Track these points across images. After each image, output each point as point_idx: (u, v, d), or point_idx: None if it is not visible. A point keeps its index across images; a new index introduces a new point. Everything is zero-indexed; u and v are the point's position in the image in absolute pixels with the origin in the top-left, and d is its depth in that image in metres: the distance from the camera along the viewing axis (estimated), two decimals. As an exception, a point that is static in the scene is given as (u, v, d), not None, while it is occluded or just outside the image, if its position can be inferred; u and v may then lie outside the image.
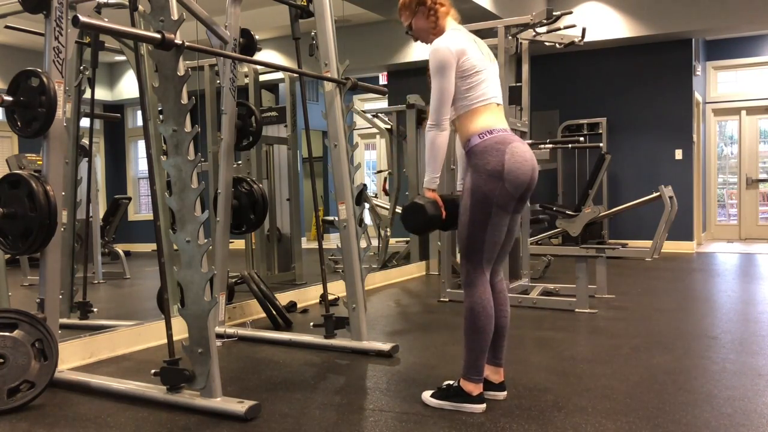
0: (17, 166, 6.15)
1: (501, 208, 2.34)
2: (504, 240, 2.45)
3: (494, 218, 2.34)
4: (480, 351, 2.39)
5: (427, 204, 2.44)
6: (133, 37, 2.55)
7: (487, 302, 2.38)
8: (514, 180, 2.31)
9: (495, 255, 2.44)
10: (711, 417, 2.31)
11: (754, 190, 9.98)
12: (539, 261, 5.91)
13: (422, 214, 2.44)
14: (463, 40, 2.43)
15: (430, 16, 2.49)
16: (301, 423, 2.34)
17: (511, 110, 4.97)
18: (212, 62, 5.18)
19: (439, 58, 2.37)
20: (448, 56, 2.37)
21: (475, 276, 2.39)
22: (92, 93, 4.08)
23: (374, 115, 7.47)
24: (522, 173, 2.33)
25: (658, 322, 4.01)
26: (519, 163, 2.33)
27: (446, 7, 2.52)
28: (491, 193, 2.31)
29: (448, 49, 2.37)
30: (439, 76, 2.38)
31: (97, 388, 2.78)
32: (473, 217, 2.35)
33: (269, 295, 4.11)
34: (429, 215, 2.44)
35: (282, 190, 5.95)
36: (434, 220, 2.46)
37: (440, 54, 2.38)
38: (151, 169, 2.84)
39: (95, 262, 6.25)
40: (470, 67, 2.39)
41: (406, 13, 2.56)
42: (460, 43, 2.40)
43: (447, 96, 2.39)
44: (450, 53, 2.37)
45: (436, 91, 2.39)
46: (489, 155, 2.33)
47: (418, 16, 2.52)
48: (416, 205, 2.45)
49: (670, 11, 8.02)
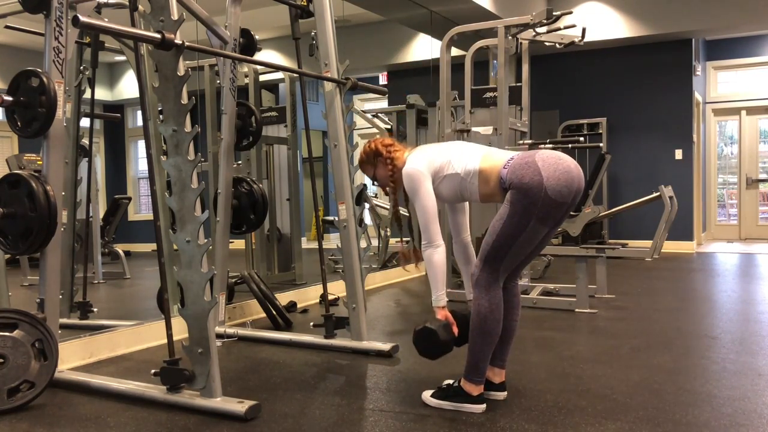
0: (17, 166, 6.14)
1: (540, 221, 2.26)
2: (532, 250, 2.42)
3: (529, 232, 2.28)
4: (483, 355, 2.38)
5: (438, 329, 2.40)
6: (133, 37, 2.55)
7: (496, 306, 2.36)
8: (555, 185, 2.22)
9: (516, 265, 2.43)
10: (711, 417, 2.31)
11: (754, 190, 9.98)
12: (539, 261, 5.91)
13: (434, 340, 2.40)
14: (424, 155, 2.52)
15: (388, 164, 2.62)
16: (301, 423, 2.34)
17: (511, 110, 4.97)
18: (212, 62, 5.18)
19: (412, 180, 2.46)
20: (418, 175, 2.45)
21: (489, 280, 2.36)
22: (92, 93, 4.08)
23: (374, 115, 7.47)
24: (562, 174, 2.24)
25: (658, 322, 4.01)
26: (554, 164, 2.25)
27: (400, 151, 2.64)
28: (532, 206, 2.24)
29: (416, 169, 2.47)
30: (418, 197, 2.45)
31: (97, 388, 2.78)
32: (507, 228, 2.29)
33: (269, 295, 4.11)
34: (441, 341, 2.40)
35: (282, 190, 5.95)
36: (447, 344, 2.43)
37: (411, 177, 2.47)
38: (151, 169, 2.84)
39: (95, 262, 6.25)
40: (442, 165, 2.46)
41: (367, 167, 2.72)
42: (424, 158, 2.50)
43: (432, 212, 2.44)
44: (419, 172, 2.46)
45: (420, 211, 2.45)
46: (521, 170, 2.26)
47: (379, 166, 2.67)
48: (427, 332, 2.41)
49: (670, 11, 8.02)
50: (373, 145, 2.68)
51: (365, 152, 2.71)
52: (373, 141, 2.71)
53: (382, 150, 2.65)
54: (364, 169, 2.75)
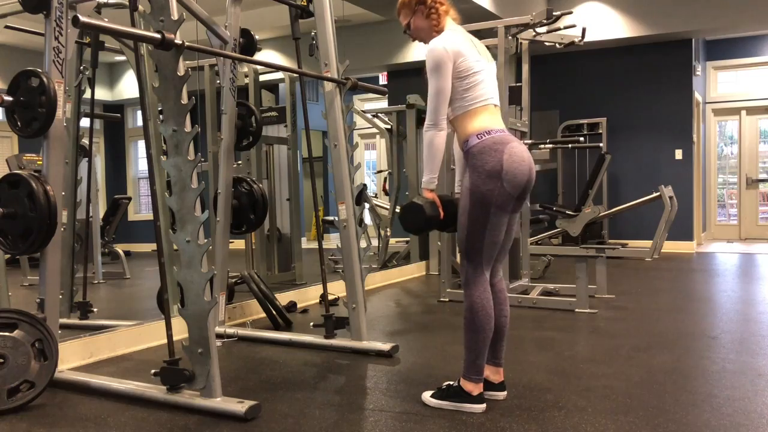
0: (17, 166, 6.15)
1: (499, 208, 2.34)
2: (503, 240, 2.46)
3: (493, 218, 2.35)
4: (479, 350, 2.39)
5: (425, 204, 2.45)
6: (133, 37, 2.55)
7: (486, 302, 2.38)
8: (512, 180, 2.32)
9: (494, 255, 2.44)
10: (711, 417, 2.31)
11: (754, 190, 9.98)
12: (539, 261, 5.91)
13: (420, 214, 2.45)
14: (459, 40, 2.42)
15: (431, 14, 2.48)
16: (301, 423, 2.34)
17: (511, 110, 4.96)
18: (212, 62, 5.18)
19: (435, 58, 2.37)
20: (444, 56, 2.36)
21: (474, 276, 2.40)
22: (92, 93, 4.08)
23: (374, 115, 7.47)
24: (520, 173, 2.34)
25: (658, 322, 4.01)
26: (517, 163, 2.33)
27: (446, 6, 2.51)
28: (490, 194, 2.31)
29: (444, 50, 2.37)
30: (435, 76, 2.38)
31: (97, 388, 2.78)
32: (472, 217, 2.36)
33: (269, 295, 4.11)
34: (427, 215, 2.44)
35: (282, 190, 5.95)
36: (432, 220, 2.47)
37: (436, 54, 2.37)
38: (151, 169, 2.84)
39: (95, 262, 6.25)
40: (467, 68, 2.38)
41: (405, 11, 2.55)
42: (457, 44, 2.39)
43: (444, 96, 2.38)
44: (446, 53, 2.36)
45: (433, 91, 2.39)
46: (487, 155, 2.33)
47: (417, 15, 2.52)
48: (414, 205, 2.46)
49: (670, 11, 8.02)
50: None
51: None
52: None
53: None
54: (400, 11, 2.56)
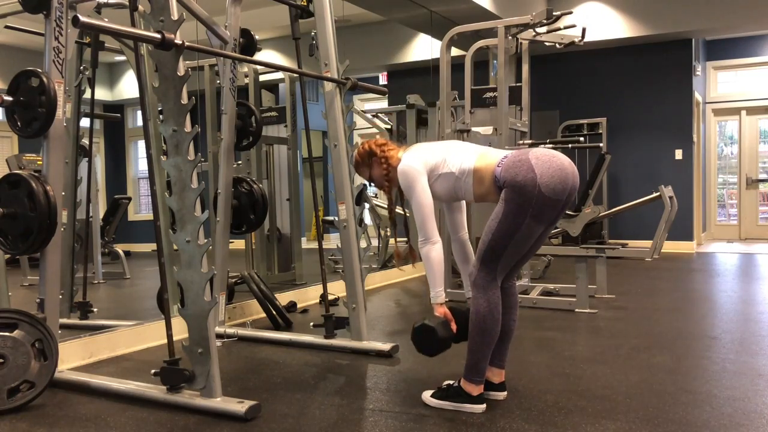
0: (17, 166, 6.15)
1: (535, 219, 2.26)
2: (529, 249, 2.42)
3: (525, 230, 2.28)
4: (483, 354, 2.38)
5: (437, 326, 2.40)
6: (133, 37, 2.55)
7: (494, 306, 2.36)
8: (549, 182, 2.22)
9: (513, 264, 2.43)
10: (711, 417, 2.31)
11: (754, 190, 9.98)
12: (539, 261, 5.91)
13: (433, 338, 2.41)
14: (419, 153, 2.52)
15: (383, 163, 2.62)
16: (301, 423, 2.34)
17: (511, 110, 4.97)
18: (212, 62, 5.18)
19: (408, 176, 2.46)
20: (414, 172, 2.45)
21: (487, 280, 2.37)
22: (92, 93, 4.08)
23: (374, 115, 7.47)
24: (556, 172, 2.24)
25: (658, 322, 4.01)
26: (548, 163, 2.25)
27: (394, 150, 2.64)
28: (526, 204, 2.24)
29: (411, 166, 2.46)
30: (414, 193, 2.44)
31: (97, 388, 2.78)
32: (502, 227, 2.29)
33: (269, 295, 4.11)
34: (440, 338, 2.40)
35: (282, 190, 5.95)
36: (445, 342, 2.43)
37: (407, 173, 2.46)
38: (151, 169, 2.84)
39: (95, 262, 6.25)
40: (438, 163, 2.45)
41: (363, 169, 2.72)
42: (420, 156, 2.49)
43: (429, 209, 2.43)
44: (415, 169, 2.45)
45: (416, 208, 2.44)
46: (515, 168, 2.27)
47: (374, 166, 2.67)
48: (426, 329, 2.41)
49: (670, 11, 8.02)
50: (366, 146, 2.69)
51: (359, 154, 2.72)
52: (366, 142, 2.72)
53: (375, 150, 2.65)
54: (359, 170, 2.75)
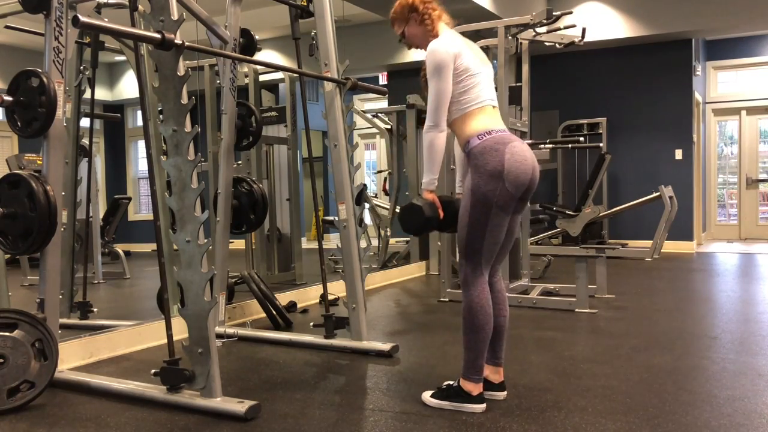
0: (17, 166, 6.15)
1: (501, 208, 2.34)
2: (504, 240, 2.46)
3: (494, 219, 2.34)
4: (479, 351, 2.39)
5: (424, 205, 2.45)
6: (133, 37, 2.55)
7: (485, 302, 2.38)
8: (514, 180, 2.31)
9: (494, 255, 2.44)
10: (711, 417, 2.31)
11: (754, 190, 9.98)
12: (539, 261, 5.91)
13: (419, 215, 2.45)
14: (457, 42, 2.45)
15: (424, 20, 2.52)
16: (301, 423, 2.34)
17: (511, 110, 4.96)
18: (212, 62, 5.18)
19: (437, 59, 2.38)
20: (445, 57, 2.38)
21: (473, 276, 2.40)
22: (92, 93, 4.08)
23: (374, 115, 7.47)
24: (522, 172, 2.33)
25: (658, 322, 4.01)
26: (519, 162, 2.33)
27: (438, 11, 2.54)
28: (491, 194, 2.31)
29: (446, 51, 2.38)
30: (436, 77, 2.39)
31: (97, 388, 2.78)
32: (473, 217, 2.35)
33: (269, 295, 4.11)
34: (426, 216, 2.44)
35: (282, 190, 5.95)
36: (431, 221, 2.47)
37: (437, 55, 2.38)
38: (151, 169, 2.84)
39: (95, 262, 6.25)
40: (465, 69, 2.40)
41: (399, 21, 2.60)
42: (456, 46, 2.42)
43: (445, 97, 2.39)
44: (447, 54, 2.38)
45: (433, 91, 2.40)
46: (488, 155, 2.33)
47: (411, 23, 2.55)
48: (414, 207, 2.46)
49: (670, 11, 8.02)
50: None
51: (400, 4, 2.56)
52: None
53: (418, 4, 2.51)
54: (394, 23, 2.60)
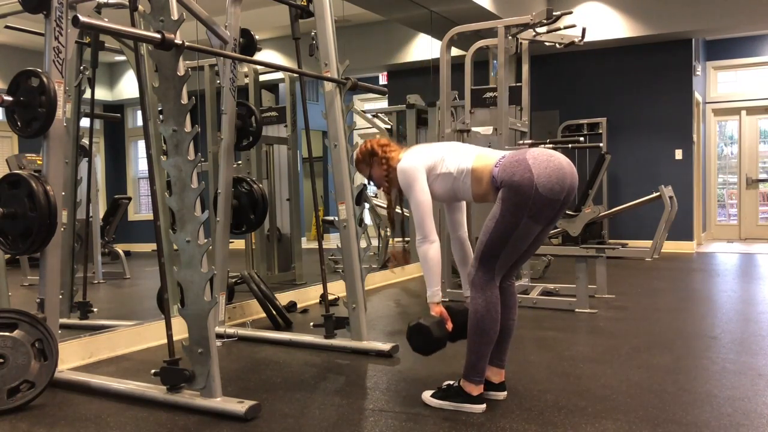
0: (17, 166, 6.15)
1: (533, 218, 2.27)
2: (527, 249, 2.42)
3: (522, 229, 2.28)
4: (482, 354, 2.39)
5: (432, 325, 2.40)
6: (133, 37, 2.55)
7: (493, 306, 2.36)
8: (546, 182, 2.22)
9: (511, 263, 2.43)
10: (711, 417, 2.31)
11: (754, 190, 9.98)
12: (539, 261, 5.91)
13: (428, 337, 2.40)
14: (419, 152, 2.55)
15: (383, 163, 2.65)
16: (301, 423, 2.34)
17: (511, 110, 4.96)
18: (212, 62, 5.18)
19: (407, 175, 2.48)
20: (414, 171, 2.48)
21: (485, 280, 2.37)
22: (92, 93, 4.08)
23: (374, 115, 7.47)
24: (552, 171, 2.24)
25: (658, 322, 4.01)
26: (545, 162, 2.25)
27: (396, 151, 2.67)
28: (523, 204, 2.24)
29: (411, 165, 2.49)
30: (413, 192, 2.46)
31: (97, 388, 2.78)
32: (498, 227, 2.29)
33: (269, 295, 4.11)
34: (434, 338, 2.40)
35: (282, 190, 5.95)
36: (440, 341, 2.43)
37: (407, 172, 2.49)
38: (151, 169, 2.84)
39: (95, 262, 6.25)
40: (439, 159, 2.48)
41: (363, 167, 2.75)
42: (420, 156, 2.52)
43: (427, 207, 2.45)
44: (415, 167, 2.48)
45: (415, 206, 2.46)
46: (512, 168, 2.27)
47: (374, 166, 2.70)
48: (421, 328, 2.41)
49: (670, 11, 8.02)
50: (368, 145, 2.72)
51: (361, 152, 2.75)
52: (368, 141, 2.75)
53: (377, 149, 2.68)
54: (359, 168, 2.78)
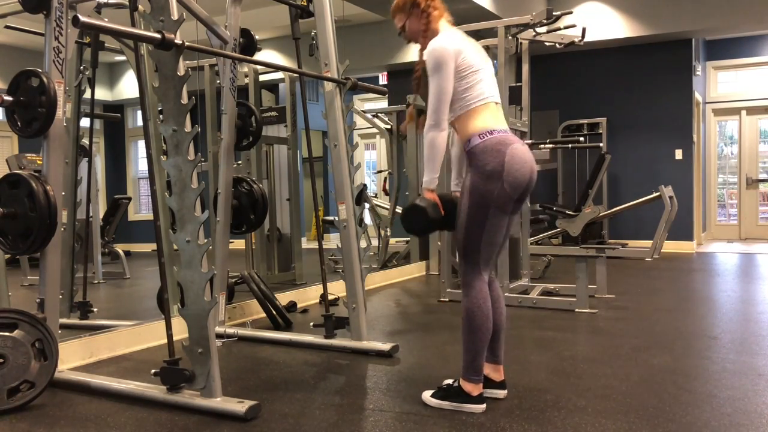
0: (17, 166, 6.15)
1: (499, 209, 2.34)
2: (503, 237, 2.46)
3: (492, 219, 2.35)
4: (478, 351, 2.39)
5: (427, 206, 2.44)
6: (133, 37, 2.55)
7: (483, 302, 2.38)
8: (513, 181, 2.32)
9: (493, 255, 2.45)
10: (711, 417, 2.31)
11: (754, 190, 9.98)
12: (539, 261, 5.91)
13: (422, 216, 2.44)
14: (459, 39, 2.44)
15: (423, 17, 2.51)
16: (301, 423, 2.34)
17: (511, 110, 4.96)
18: (212, 62, 5.18)
19: (437, 56, 2.37)
20: (445, 55, 2.36)
21: (472, 276, 2.40)
22: (92, 93, 4.08)
23: (374, 115, 7.47)
24: (521, 174, 2.33)
25: (658, 322, 4.01)
26: (518, 164, 2.33)
27: (439, 10, 2.53)
28: (490, 194, 2.32)
29: (445, 48, 2.37)
30: (437, 75, 2.37)
31: (97, 388, 2.78)
32: (471, 217, 2.36)
33: (269, 295, 4.11)
34: (429, 217, 2.43)
35: (282, 190, 5.95)
36: (434, 222, 2.47)
37: (438, 53, 2.37)
38: (151, 169, 2.84)
39: (95, 262, 6.26)
40: (467, 66, 2.39)
41: (400, 15, 2.58)
42: (457, 43, 2.41)
43: (446, 95, 2.38)
44: (447, 52, 2.37)
45: (434, 90, 2.38)
46: (489, 156, 2.33)
47: (412, 17, 2.54)
48: (416, 207, 2.45)
49: (670, 11, 8.02)
50: None
51: None
52: None
53: (421, 1, 2.50)
54: (395, 15, 2.59)
